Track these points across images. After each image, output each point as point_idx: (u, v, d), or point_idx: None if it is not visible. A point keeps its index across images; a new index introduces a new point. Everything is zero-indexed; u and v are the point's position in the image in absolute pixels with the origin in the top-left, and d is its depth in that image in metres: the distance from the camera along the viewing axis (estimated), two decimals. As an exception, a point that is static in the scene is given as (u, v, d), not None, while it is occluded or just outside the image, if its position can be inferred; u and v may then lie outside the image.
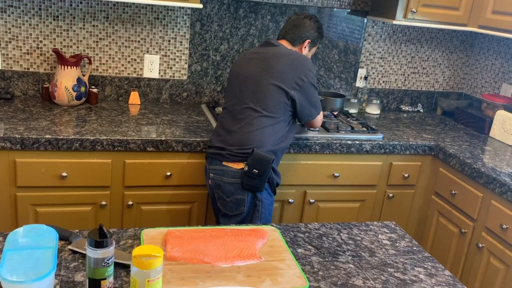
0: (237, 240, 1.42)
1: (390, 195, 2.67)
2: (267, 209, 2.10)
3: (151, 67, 2.81)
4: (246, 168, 2.00)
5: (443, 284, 1.37)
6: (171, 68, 2.84)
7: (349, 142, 2.51)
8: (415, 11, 2.66)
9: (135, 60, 2.78)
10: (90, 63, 2.65)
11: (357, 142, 2.52)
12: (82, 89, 2.57)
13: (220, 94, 2.96)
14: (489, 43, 3.17)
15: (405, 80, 3.27)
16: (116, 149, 2.21)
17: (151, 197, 2.34)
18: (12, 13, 2.55)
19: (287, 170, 2.45)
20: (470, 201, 2.37)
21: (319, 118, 2.27)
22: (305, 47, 2.25)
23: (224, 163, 2.06)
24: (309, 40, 2.24)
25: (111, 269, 1.12)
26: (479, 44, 3.25)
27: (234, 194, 2.05)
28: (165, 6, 2.72)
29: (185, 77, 2.88)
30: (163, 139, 2.26)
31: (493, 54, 3.14)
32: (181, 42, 2.81)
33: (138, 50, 2.76)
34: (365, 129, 2.67)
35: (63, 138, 2.13)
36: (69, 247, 1.34)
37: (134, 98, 2.76)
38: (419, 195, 2.73)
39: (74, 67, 2.54)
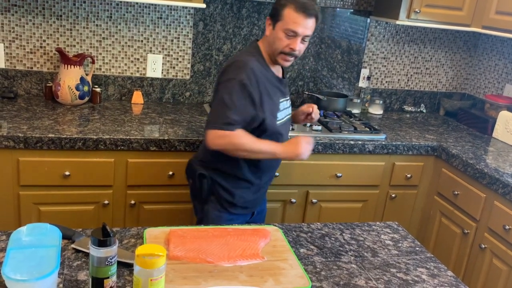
0: (239, 240, 1.42)
1: (393, 195, 2.66)
2: (215, 224, 1.76)
3: (154, 67, 2.81)
4: (186, 177, 2.03)
5: (446, 284, 1.37)
6: (174, 67, 2.84)
7: (352, 142, 2.50)
8: (418, 11, 2.66)
9: (138, 59, 2.78)
10: (93, 62, 2.65)
11: (360, 142, 2.51)
12: (85, 88, 2.58)
13: (223, 93, 2.96)
14: (492, 43, 3.16)
15: (408, 80, 3.26)
16: (119, 148, 2.21)
17: (153, 197, 2.35)
18: (16, 12, 2.55)
19: (290, 170, 2.45)
20: (472, 202, 2.37)
21: (211, 136, 1.78)
22: (268, 27, 1.86)
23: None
24: (268, 17, 1.87)
25: (114, 268, 1.12)
26: (482, 45, 3.24)
27: (192, 200, 2.08)
28: (168, 6, 2.72)
29: (188, 77, 2.88)
30: (165, 138, 2.26)
31: (496, 54, 3.13)
32: (184, 41, 2.81)
33: (141, 50, 2.77)
34: (368, 129, 2.67)
35: (66, 137, 2.14)
36: (72, 246, 1.34)
37: (137, 97, 2.77)
38: (422, 195, 2.72)
39: (77, 66, 2.54)
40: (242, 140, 1.78)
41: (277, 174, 2.12)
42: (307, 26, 1.79)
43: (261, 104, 1.83)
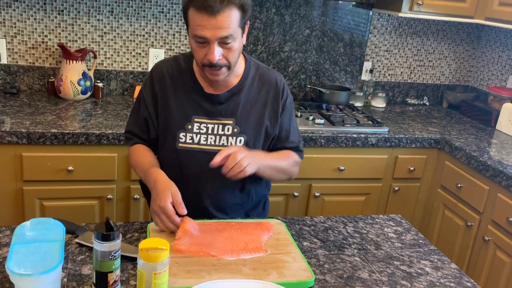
0: (243, 233, 1.42)
1: (396, 188, 2.66)
2: None
3: (156, 61, 2.80)
4: None
5: (449, 277, 1.37)
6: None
7: (355, 135, 2.50)
8: (421, 3, 2.64)
9: (140, 54, 2.78)
10: (95, 57, 2.65)
11: (363, 136, 2.51)
12: (88, 83, 2.58)
13: (225, 87, 2.95)
14: (495, 35, 3.14)
15: (410, 73, 3.25)
16: (121, 143, 2.21)
17: (156, 191, 2.35)
18: (17, 7, 2.55)
19: (293, 163, 2.44)
20: (476, 194, 2.36)
21: None
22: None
23: None
24: None
25: (117, 262, 1.12)
26: (485, 36, 3.22)
27: None
28: (169, 0, 2.71)
29: (190, 71, 2.87)
30: (168, 133, 2.26)
31: (500, 46, 3.11)
32: (185, 36, 2.80)
33: (143, 44, 2.76)
34: (371, 122, 2.66)
35: (69, 132, 2.14)
36: (76, 240, 1.35)
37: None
38: (425, 188, 2.72)
39: (80, 61, 2.54)
40: (132, 157, 1.61)
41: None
42: (216, 26, 1.36)
43: (155, 112, 1.58)
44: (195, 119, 1.55)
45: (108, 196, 2.28)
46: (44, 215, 2.22)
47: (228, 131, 1.56)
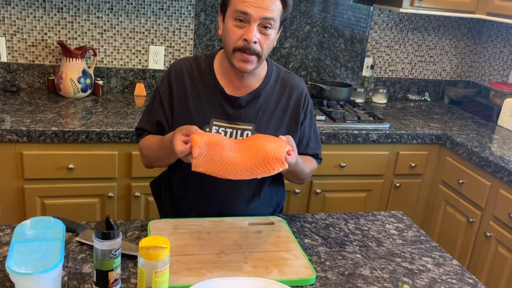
0: (264, 141, 1.30)
1: (397, 184, 2.66)
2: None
3: (156, 58, 2.80)
4: None
5: (451, 273, 1.36)
6: (176, 59, 2.83)
7: (356, 131, 2.49)
8: (422, -2, 2.63)
9: (140, 51, 2.77)
10: (95, 55, 2.64)
11: (364, 132, 2.50)
12: (88, 81, 2.57)
13: (226, 84, 2.95)
14: (497, 30, 3.13)
15: (412, 68, 3.24)
16: (122, 140, 2.21)
17: (157, 189, 2.35)
18: (17, 5, 2.54)
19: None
20: (478, 190, 2.36)
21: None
22: (220, 24, 1.50)
23: None
24: (219, 13, 1.51)
25: (118, 260, 1.12)
26: (487, 32, 3.21)
27: None
28: (169, -3, 2.71)
29: (190, 68, 2.86)
30: (169, 130, 2.25)
31: (501, 41, 3.10)
32: (185, 32, 2.79)
33: (142, 42, 2.76)
34: (372, 119, 2.66)
35: (69, 130, 2.14)
36: (77, 238, 1.35)
37: (140, 89, 2.76)
38: (426, 184, 2.71)
39: (79, 59, 2.54)
40: (142, 148, 1.58)
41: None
42: (261, 5, 1.34)
43: (171, 110, 1.51)
44: (214, 122, 1.48)
45: (109, 194, 2.28)
46: (45, 213, 2.22)
47: (245, 135, 1.50)
